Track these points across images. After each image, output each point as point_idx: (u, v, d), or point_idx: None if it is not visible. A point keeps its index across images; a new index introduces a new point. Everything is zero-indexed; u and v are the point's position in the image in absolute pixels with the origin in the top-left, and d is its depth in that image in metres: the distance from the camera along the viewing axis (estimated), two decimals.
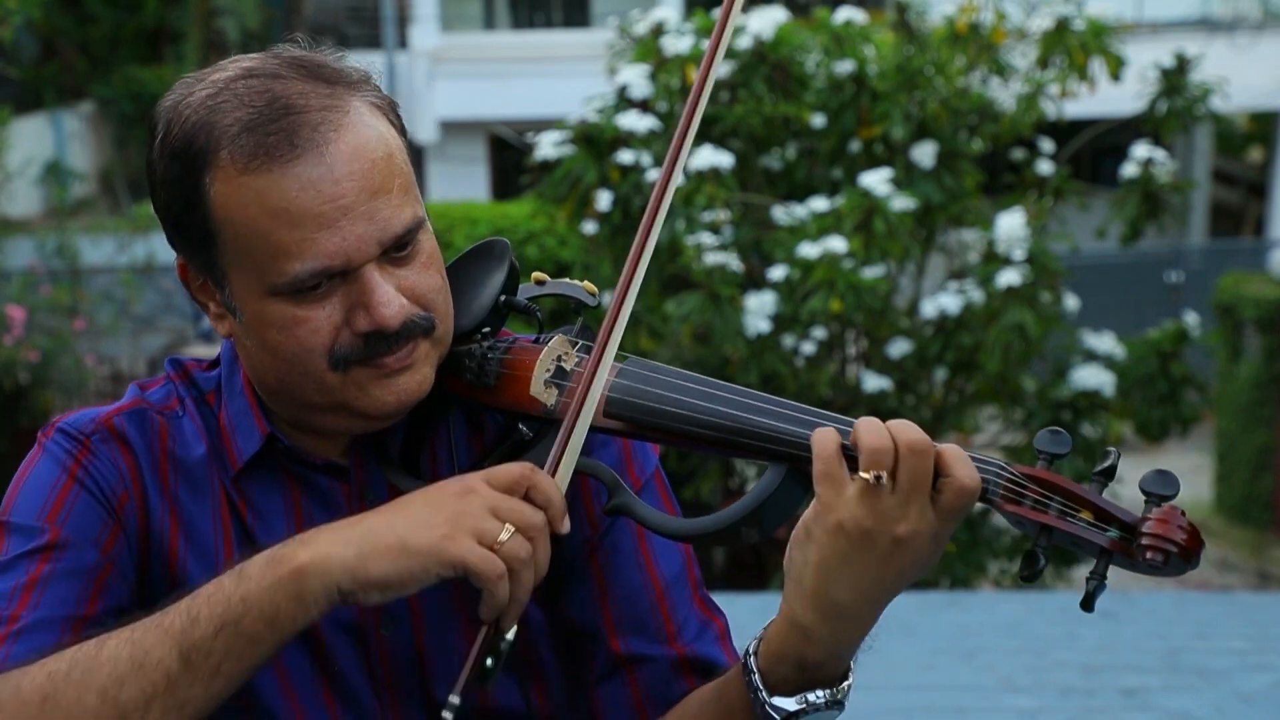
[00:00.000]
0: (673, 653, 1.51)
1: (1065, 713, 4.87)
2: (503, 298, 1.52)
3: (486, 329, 1.51)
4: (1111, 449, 1.27)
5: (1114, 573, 1.24)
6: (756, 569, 8.20)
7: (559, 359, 1.45)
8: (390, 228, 1.38)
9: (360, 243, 1.37)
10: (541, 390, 1.44)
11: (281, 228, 1.35)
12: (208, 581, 1.35)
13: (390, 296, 1.38)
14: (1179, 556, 1.21)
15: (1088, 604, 1.24)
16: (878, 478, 1.24)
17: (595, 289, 1.52)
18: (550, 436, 1.42)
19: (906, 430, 1.26)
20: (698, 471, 7.77)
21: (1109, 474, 1.26)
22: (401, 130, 1.45)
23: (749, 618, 1.58)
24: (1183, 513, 1.22)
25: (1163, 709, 4.85)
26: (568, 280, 1.54)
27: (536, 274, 1.56)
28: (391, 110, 1.45)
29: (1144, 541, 1.21)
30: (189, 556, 1.47)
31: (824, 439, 1.28)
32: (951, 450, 1.27)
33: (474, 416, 1.55)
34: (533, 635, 1.53)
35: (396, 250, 1.40)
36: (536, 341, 1.49)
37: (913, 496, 1.25)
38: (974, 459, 1.28)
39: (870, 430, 1.26)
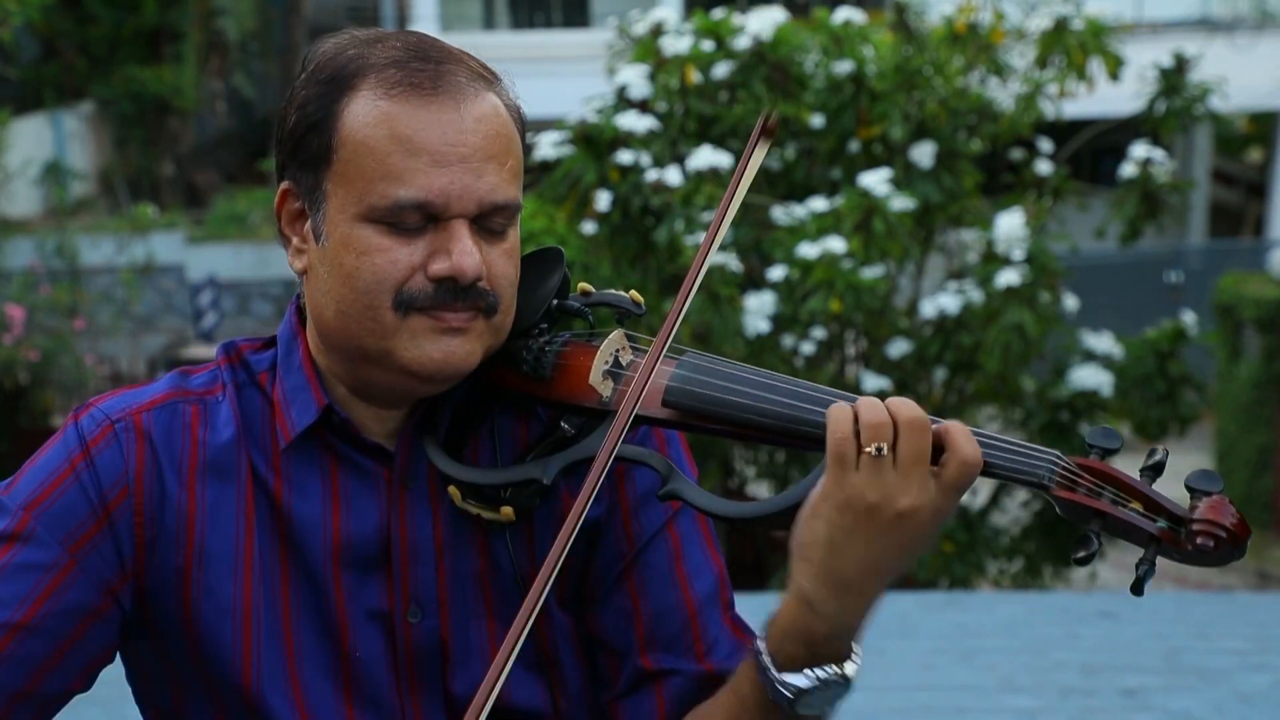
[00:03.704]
0: (701, 669, 1.54)
1: (1065, 713, 4.87)
2: (555, 301, 1.57)
3: (544, 325, 1.56)
4: (1160, 447, 1.33)
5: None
6: (756, 569, 8.19)
7: (617, 352, 1.50)
8: (493, 195, 1.44)
9: (464, 192, 1.42)
10: (600, 381, 1.48)
11: (399, 153, 1.41)
12: (226, 561, 1.44)
13: (472, 249, 1.43)
14: (1228, 542, 1.26)
15: (1138, 588, 1.29)
16: (879, 449, 1.31)
17: (641, 298, 1.56)
18: (593, 431, 1.47)
19: (904, 407, 1.34)
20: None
21: (1158, 469, 1.32)
22: (523, 135, 1.52)
23: (749, 617, 1.59)
24: (1231, 502, 1.28)
25: (1163, 709, 4.85)
26: (614, 291, 1.59)
27: (582, 285, 1.60)
28: (518, 115, 1.52)
29: (1195, 527, 1.26)
30: (207, 539, 1.49)
31: (839, 420, 1.34)
32: (956, 427, 1.33)
33: (519, 413, 1.58)
34: (556, 637, 1.54)
35: (491, 224, 1.45)
36: (591, 340, 1.53)
37: (913, 470, 1.32)
38: (1031, 448, 1.34)
39: (869, 407, 1.34)
